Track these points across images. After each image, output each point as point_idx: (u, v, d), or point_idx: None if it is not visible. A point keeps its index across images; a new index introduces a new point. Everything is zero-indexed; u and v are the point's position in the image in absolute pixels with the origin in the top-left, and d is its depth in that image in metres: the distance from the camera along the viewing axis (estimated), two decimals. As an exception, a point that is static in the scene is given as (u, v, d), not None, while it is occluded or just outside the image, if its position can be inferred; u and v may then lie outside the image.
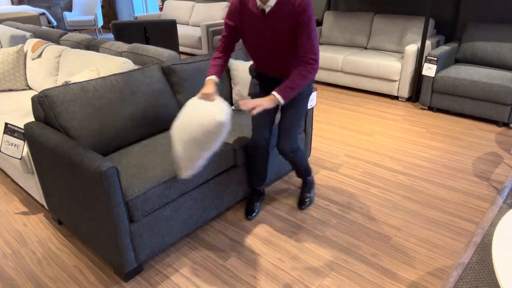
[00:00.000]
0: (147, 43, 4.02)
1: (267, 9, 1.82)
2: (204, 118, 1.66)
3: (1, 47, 3.78)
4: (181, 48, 6.72)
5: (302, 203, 2.40)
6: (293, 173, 2.82)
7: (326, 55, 4.65)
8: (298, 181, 2.72)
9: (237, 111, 2.64)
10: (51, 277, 1.90)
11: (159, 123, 2.28)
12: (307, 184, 2.48)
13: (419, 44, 4.09)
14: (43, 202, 2.29)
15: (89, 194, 1.71)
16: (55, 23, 7.66)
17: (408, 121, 3.73)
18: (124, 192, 1.71)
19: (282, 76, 2.04)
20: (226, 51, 2.03)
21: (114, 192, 1.61)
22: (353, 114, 3.93)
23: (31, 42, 3.24)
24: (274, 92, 1.83)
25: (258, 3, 1.82)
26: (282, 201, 2.48)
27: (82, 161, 1.64)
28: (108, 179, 1.58)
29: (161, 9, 7.98)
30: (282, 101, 1.83)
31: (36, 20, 6.48)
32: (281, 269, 1.92)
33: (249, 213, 2.31)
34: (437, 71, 3.81)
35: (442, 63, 3.89)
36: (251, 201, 2.37)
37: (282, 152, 2.14)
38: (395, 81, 4.21)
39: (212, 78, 1.90)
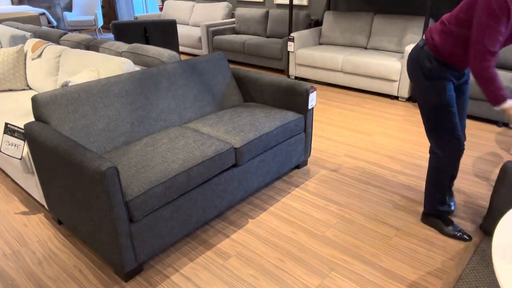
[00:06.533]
0: (147, 43, 4.02)
1: None
2: None
3: (1, 47, 3.78)
4: (181, 48, 6.71)
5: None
6: (293, 173, 2.82)
7: (326, 55, 4.65)
8: (298, 181, 2.72)
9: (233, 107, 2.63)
10: (51, 277, 1.90)
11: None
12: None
13: (419, 44, 4.08)
14: (43, 202, 2.29)
15: (89, 194, 1.71)
16: (55, 23, 7.66)
17: (408, 121, 3.73)
18: (124, 192, 1.71)
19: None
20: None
21: (114, 192, 1.61)
22: (353, 114, 3.93)
23: (31, 42, 3.24)
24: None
25: None
26: (282, 201, 2.48)
27: (82, 161, 1.64)
28: (108, 179, 1.58)
29: (161, 9, 7.98)
30: None
31: (36, 20, 6.48)
32: (281, 269, 1.92)
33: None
34: (437, 71, 3.81)
35: (442, 63, 3.89)
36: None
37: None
38: (395, 81, 4.21)
39: None
